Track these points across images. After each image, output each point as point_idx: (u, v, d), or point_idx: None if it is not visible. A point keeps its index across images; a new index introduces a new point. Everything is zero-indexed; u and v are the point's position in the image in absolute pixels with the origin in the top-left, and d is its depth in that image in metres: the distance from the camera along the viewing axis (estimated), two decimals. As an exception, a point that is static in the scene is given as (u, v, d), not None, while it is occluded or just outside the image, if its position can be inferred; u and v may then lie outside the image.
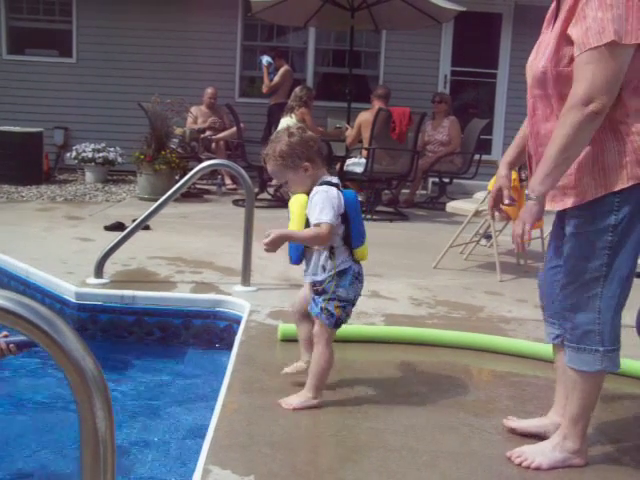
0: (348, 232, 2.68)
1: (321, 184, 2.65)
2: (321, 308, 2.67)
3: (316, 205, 2.59)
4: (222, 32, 10.20)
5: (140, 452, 2.94)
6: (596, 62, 2.07)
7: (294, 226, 2.66)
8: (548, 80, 2.23)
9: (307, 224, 2.64)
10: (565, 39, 2.16)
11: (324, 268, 2.67)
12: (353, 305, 2.75)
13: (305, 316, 2.83)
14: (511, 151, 2.57)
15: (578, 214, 2.24)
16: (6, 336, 2.50)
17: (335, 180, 2.71)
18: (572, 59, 2.15)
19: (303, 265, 2.79)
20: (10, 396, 3.46)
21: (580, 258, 2.24)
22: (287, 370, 2.93)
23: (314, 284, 2.71)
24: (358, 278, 2.73)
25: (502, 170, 2.55)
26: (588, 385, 2.30)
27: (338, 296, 2.66)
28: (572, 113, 2.11)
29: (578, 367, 2.29)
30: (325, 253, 2.66)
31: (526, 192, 2.26)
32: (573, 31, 2.13)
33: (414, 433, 2.59)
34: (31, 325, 1.12)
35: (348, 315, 2.74)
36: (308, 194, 2.66)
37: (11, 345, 2.46)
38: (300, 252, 2.73)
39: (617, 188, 2.16)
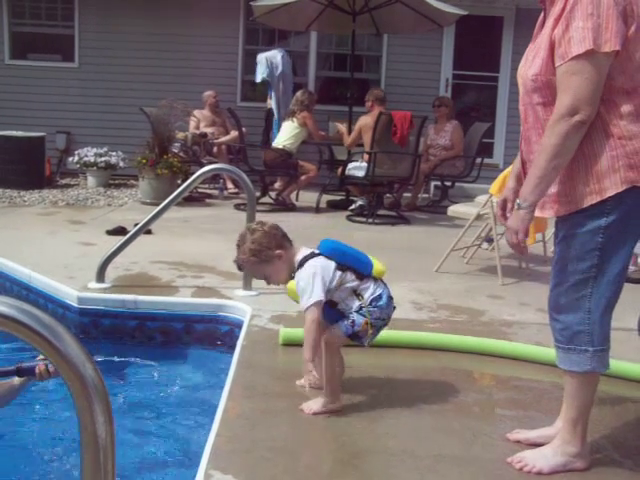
0: (354, 269, 2.68)
1: (301, 264, 2.65)
2: (352, 321, 2.65)
3: (302, 292, 2.60)
4: (224, 36, 10.22)
5: (141, 458, 2.94)
6: (578, 72, 2.12)
7: None
8: (538, 89, 2.26)
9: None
10: (552, 48, 2.19)
11: (360, 307, 2.65)
12: (382, 327, 2.75)
13: None
14: (519, 164, 2.54)
15: (570, 217, 2.26)
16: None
17: (309, 251, 2.70)
18: None
19: None
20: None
21: (570, 259, 2.26)
22: (301, 382, 2.96)
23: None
24: (391, 301, 2.73)
25: (510, 182, 2.55)
26: (582, 387, 2.31)
27: (371, 312, 2.65)
28: (559, 123, 2.15)
29: (568, 367, 2.31)
30: (351, 299, 2.65)
31: (517, 201, 2.27)
32: (556, 40, 2.16)
33: (415, 437, 2.59)
34: (31, 331, 1.12)
35: (374, 335, 2.71)
36: (293, 277, 2.69)
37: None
38: (336, 315, 2.68)
39: (611, 194, 2.17)
